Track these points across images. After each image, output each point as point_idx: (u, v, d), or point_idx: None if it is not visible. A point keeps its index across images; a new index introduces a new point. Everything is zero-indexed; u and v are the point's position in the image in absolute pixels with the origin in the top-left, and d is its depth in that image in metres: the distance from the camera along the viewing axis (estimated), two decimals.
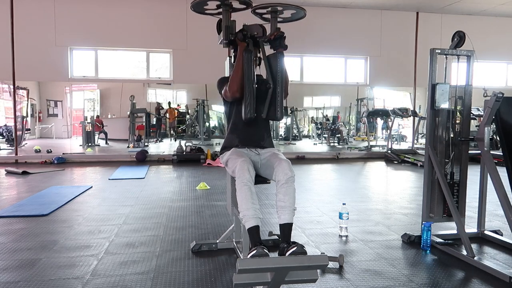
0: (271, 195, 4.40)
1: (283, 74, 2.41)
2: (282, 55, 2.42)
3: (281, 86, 2.40)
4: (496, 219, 3.68)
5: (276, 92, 2.40)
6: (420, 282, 2.30)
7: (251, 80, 2.38)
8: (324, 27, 8.47)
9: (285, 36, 2.45)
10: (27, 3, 7.67)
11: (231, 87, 2.44)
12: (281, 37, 2.43)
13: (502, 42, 9.30)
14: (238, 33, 2.49)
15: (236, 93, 2.44)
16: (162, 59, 8.55)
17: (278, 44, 2.44)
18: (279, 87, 2.40)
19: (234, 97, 2.47)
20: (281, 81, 2.40)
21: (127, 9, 8.01)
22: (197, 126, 10.15)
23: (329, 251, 2.80)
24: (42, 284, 2.25)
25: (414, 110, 9.06)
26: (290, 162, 2.33)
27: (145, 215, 3.79)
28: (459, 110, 3.01)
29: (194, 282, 2.28)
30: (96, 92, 9.64)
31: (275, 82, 2.40)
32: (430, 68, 2.90)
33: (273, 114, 2.44)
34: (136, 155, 7.98)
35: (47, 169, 6.80)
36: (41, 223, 3.49)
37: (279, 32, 2.44)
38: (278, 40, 2.43)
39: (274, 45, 2.46)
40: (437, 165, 2.88)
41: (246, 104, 2.39)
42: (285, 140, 10.63)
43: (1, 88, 8.53)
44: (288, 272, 1.76)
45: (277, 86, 2.40)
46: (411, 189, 5.30)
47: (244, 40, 2.46)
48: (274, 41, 2.45)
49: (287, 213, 2.20)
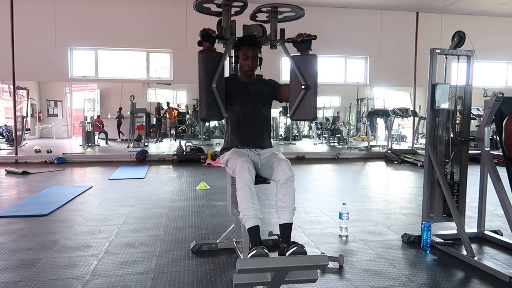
0: (271, 195, 4.40)
1: (317, 76, 2.45)
2: (316, 58, 2.45)
3: (315, 87, 2.43)
4: (496, 219, 3.68)
5: (312, 94, 2.42)
6: (420, 282, 2.30)
7: (206, 80, 2.35)
8: (324, 27, 8.47)
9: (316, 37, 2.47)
10: (27, 3, 7.67)
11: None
12: (310, 40, 2.45)
13: (502, 42, 9.30)
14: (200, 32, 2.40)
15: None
16: (162, 59, 8.56)
17: (306, 46, 2.46)
18: (314, 88, 2.42)
19: None
20: (315, 83, 2.42)
21: (127, 9, 8.01)
22: (197, 126, 10.16)
23: (329, 251, 2.80)
24: (42, 284, 2.25)
25: (414, 110, 9.06)
26: (289, 162, 2.33)
27: (145, 215, 3.79)
28: (459, 110, 3.01)
29: (194, 282, 2.28)
30: (96, 92, 9.64)
31: (309, 84, 2.41)
32: (430, 68, 2.90)
33: (309, 114, 2.46)
34: (136, 155, 7.98)
35: (47, 169, 6.80)
36: (41, 223, 3.49)
37: (309, 35, 2.45)
38: (307, 42, 2.46)
39: (302, 47, 2.48)
40: (437, 165, 2.88)
41: (200, 105, 2.40)
42: (285, 140, 10.64)
43: (1, 88, 8.54)
44: (288, 272, 1.76)
45: (313, 88, 2.42)
46: (411, 189, 5.30)
47: (208, 40, 2.40)
48: (302, 43, 2.46)
49: (287, 213, 2.20)
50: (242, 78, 2.59)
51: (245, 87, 2.57)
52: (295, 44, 2.50)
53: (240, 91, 2.55)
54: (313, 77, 2.42)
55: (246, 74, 2.55)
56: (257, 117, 2.58)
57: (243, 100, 2.55)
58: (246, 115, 2.55)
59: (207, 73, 2.35)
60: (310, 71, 2.42)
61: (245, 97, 2.56)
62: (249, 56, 2.50)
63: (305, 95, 2.44)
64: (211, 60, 2.37)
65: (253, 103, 2.56)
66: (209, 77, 2.36)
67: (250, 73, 2.56)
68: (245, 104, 2.55)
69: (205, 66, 2.35)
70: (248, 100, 2.56)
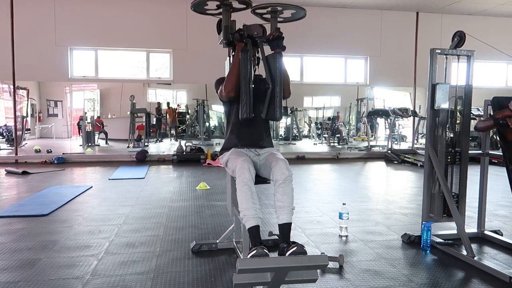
0: (271, 195, 4.38)
1: (282, 74, 2.41)
2: (280, 56, 2.41)
3: (280, 86, 2.39)
4: (496, 219, 3.68)
5: (275, 92, 2.40)
6: (420, 282, 2.30)
7: (247, 80, 2.38)
8: (324, 27, 8.47)
9: (284, 37, 2.44)
10: (27, 3, 7.67)
11: (226, 86, 2.45)
12: (279, 37, 2.42)
13: (502, 42, 9.26)
14: (235, 33, 2.49)
15: (230, 92, 2.44)
16: (162, 59, 8.55)
17: (276, 44, 2.44)
18: (278, 87, 2.39)
19: (229, 97, 2.48)
20: (279, 81, 2.39)
21: (127, 9, 8.01)
22: (197, 126, 10.16)
23: (329, 251, 2.80)
24: (42, 284, 2.25)
25: (414, 110, 9.06)
26: (287, 161, 2.32)
27: (145, 215, 3.79)
28: (459, 110, 3.01)
29: (194, 282, 2.28)
30: (96, 92, 9.64)
31: (274, 82, 2.40)
32: (430, 68, 2.90)
33: (272, 114, 2.44)
34: (136, 155, 7.98)
35: (47, 169, 6.80)
36: (41, 223, 3.49)
37: (278, 32, 2.44)
38: (276, 40, 2.43)
39: (272, 45, 2.46)
40: (437, 165, 2.88)
41: (243, 104, 2.39)
42: (285, 140, 10.63)
43: (1, 88, 8.53)
44: (288, 272, 1.76)
45: (276, 86, 2.39)
46: (411, 189, 5.30)
47: (242, 40, 2.46)
48: (273, 41, 2.44)
49: (286, 213, 2.20)
50: None
51: None
52: (268, 43, 2.48)
53: None
54: (278, 76, 2.39)
55: None
56: (257, 116, 2.57)
57: None
58: None
59: (246, 73, 2.38)
60: (274, 70, 2.41)
61: None
62: None
63: (271, 95, 2.42)
64: (248, 61, 2.40)
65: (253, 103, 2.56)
66: (247, 77, 2.38)
67: None
68: None
69: (245, 66, 2.38)
70: None
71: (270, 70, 2.42)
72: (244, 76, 2.38)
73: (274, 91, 2.40)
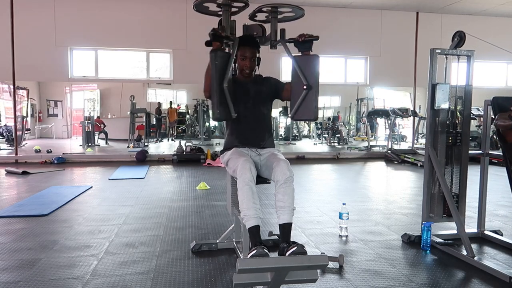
0: (271, 195, 4.39)
1: (318, 76, 2.45)
2: (317, 59, 2.46)
3: (317, 87, 2.44)
4: (496, 219, 3.68)
5: (314, 94, 2.43)
6: (420, 282, 2.30)
7: (218, 80, 2.36)
8: (324, 27, 8.46)
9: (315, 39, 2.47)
10: (27, 4, 7.67)
11: (204, 86, 2.47)
12: (311, 41, 2.46)
13: (502, 42, 9.24)
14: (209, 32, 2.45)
15: (206, 92, 2.47)
16: (162, 59, 8.55)
17: (308, 46, 2.47)
18: (315, 88, 2.43)
19: (206, 97, 2.51)
20: (316, 83, 2.43)
21: (127, 9, 8.01)
22: (197, 126, 10.16)
23: (329, 251, 2.80)
24: (42, 284, 2.25)
25: (414, 110, 9.05)
26: (288, 162, 2.32)
27: (145, 215, 3.79)
28: (459, 110, 3.01)
29: (194, 282, 2.28)
30: (96, 92, 9.64)
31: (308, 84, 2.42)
32: (430, 68, 2.90)
33: (310, 115, 2.47)
34: (136, 155, 7.98)
35: (47, 169, 6.80)
36: (41, 223, 3.49)
37: (311, 36, 2.45)
38: (308, 43, 2.46)
39: (302, 48, 2.49)
40: (437, 165, 2.88)
41: (213, 105, 2.39)
42: (285, 140, 10.64)
43: (1, 88, 8.54)
44: (288, 272, 1.76)
45: (314, 88, 2.43)
46: (411, 189, 5.30)
47: (219, 40, 2.43)
48: (303, 44, 2.47)
49: (286, 213, 2.20)
50: (241, 78, 2.59)
51: (244, 87, 2.57)
52: (296, 45, 2.50)
53: (239, 91, 2.55)
54: (315, 78, 2.43)
55: (244, 74, 2.55)
56: (257, 116, 2.58)
57: (243, 100, 2.55)
58: (246, 115, 2.54)
59: (219, 73, 2.36)
60: (312, 72, 2.43)
61: (245, 97, 2.55)
62: (247, 56, 2.50)
63: (307, 95, 2.44)
64: (222, 60, 2.38)
65: (253, 103, 2.56)
66: (221, 77, 2.37)
67: (248, 73, 2.55)
68: (244, 104, 2.54)
69: (217, 66, 2.36)
70: (248, 99, 2.56)
71: (302, 71, 2.44)
72: (214, 77, 2.36)
73: (311, 92, 2.43)
